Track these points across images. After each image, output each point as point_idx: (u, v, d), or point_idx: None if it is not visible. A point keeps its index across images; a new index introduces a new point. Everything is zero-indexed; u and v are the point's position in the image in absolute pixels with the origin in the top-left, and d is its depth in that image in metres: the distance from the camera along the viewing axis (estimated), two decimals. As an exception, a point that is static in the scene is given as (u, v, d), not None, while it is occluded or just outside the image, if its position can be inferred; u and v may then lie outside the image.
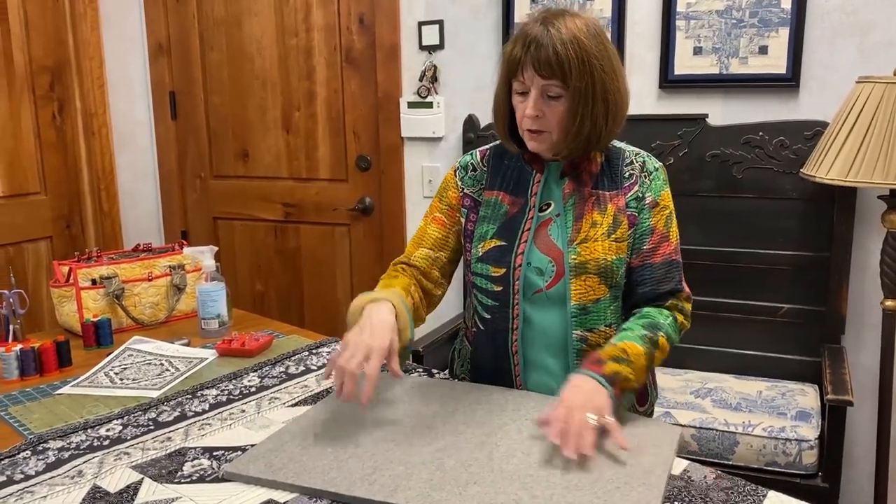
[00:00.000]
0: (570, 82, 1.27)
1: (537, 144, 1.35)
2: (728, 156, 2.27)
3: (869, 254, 2.20)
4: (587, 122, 1.30)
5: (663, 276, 1.38)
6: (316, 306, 3.08)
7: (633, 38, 2.40)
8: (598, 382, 1.21)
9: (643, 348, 1.29)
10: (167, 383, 1.54)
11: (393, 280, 1.43)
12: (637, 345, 1.29)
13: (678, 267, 1.41)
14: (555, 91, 1.29)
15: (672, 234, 1.40)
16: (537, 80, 1.29)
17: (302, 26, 2.88)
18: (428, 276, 1.47)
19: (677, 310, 1.40)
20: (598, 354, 1.27)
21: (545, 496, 1.03)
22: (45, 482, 1.13)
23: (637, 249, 1.38)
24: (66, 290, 1.88)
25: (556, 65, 1.26)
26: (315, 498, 1.07)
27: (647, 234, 1.38)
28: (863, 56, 2.16)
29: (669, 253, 1.39)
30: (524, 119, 1.33)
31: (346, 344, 1.24)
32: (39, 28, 2.94)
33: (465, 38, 2.63)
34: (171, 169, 3.22)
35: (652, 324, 1.34)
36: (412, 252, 1.49)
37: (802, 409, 2.03)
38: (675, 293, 1.39)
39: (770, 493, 1.07)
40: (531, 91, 1.30)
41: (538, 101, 1.30)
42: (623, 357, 1.26)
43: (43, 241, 3.02)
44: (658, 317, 1.36)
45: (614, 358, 1.26)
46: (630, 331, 1.33)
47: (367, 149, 2.88)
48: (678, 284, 1.40)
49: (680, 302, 1.40)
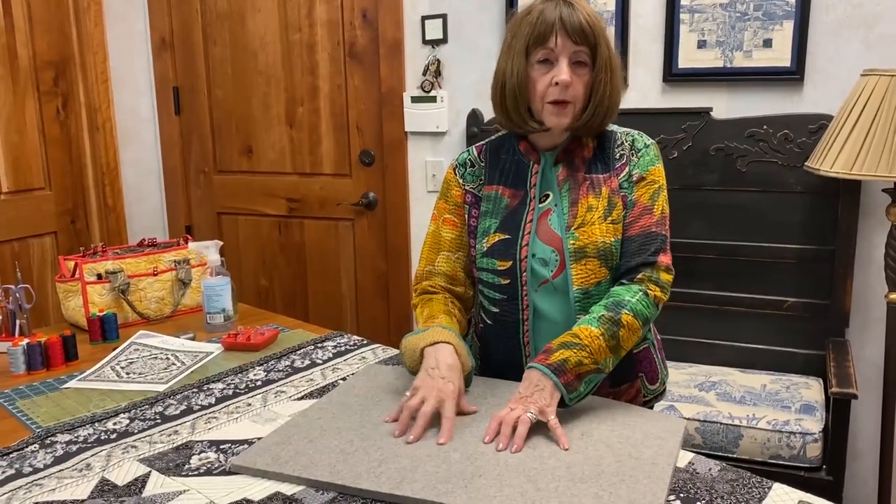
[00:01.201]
0: (598, 50, 1.30)
1: (560, 119, 1.33)
2: (732, 149, 2.27)
3: (873, 247, 2.20)
4: (608, 92, 1.33)
5: (637, 248, 1.35)
6: (320, 301, 3.09)
7: (637, 32, 2.40)
8: (543, 373, 1.23)
9: (599, 329, 1.26)
10: (173, 377, 1.55)
11: (432, 307, 1.43)
12: (591, 327, 1.27)
13: (656, 239, 1.35)
14: (583, 58, 1.31)
15: (657, 207, 1.36)
16: (568, 46, 1.29)
17: (305, 21, 2.88)
18: (455, 280, 1.47)
19: (650, 281, 1.33)
20: (549, 344, 1.28)
21: (550, 489, 1.04)
22: (54, 475, 1.14)
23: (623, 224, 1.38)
24: (71, 285, 1.88)
25: (589, 31, 1.29)
26: (322, 490, 1.08)
27: (630, 208, 1.37)
28: (868, 49, 2.15)
29: (649, 225, 1.35)
30: (551, 89, 1.31)
31: (417, 389, 1.26)
32: (43, 23, 2.94)
33: (469, 33, 2.63)
34: (175, 164, 3.23)
35: (615, 303, 1.30)
36: (433, 259, 1.48)
37: (807, 403, 2.03)
38: (647, 265, 1.34)
39: (775, 486, 1.07)
40: (560, 59, 1.30)
41: (570, 69, 1.30)
42: (574, 342, 1.25)
43: (48, 237, 3.03)
44: (625, 294, 1.32)
45: (564, 345, 1.26)
46: (590, 314, 1.31)
47: (371, 144, 2.88)
48: (651, 256, 1.34)
49: (654, 273, 1.34)
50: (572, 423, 1.23)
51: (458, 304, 1.47)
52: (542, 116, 1.34)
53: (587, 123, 1.35)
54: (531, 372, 1.25)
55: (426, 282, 1.48)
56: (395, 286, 2.90)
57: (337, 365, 1.60)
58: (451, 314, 1.41)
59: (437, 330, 1.35)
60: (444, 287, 1.47)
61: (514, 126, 1.40)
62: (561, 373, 1.22)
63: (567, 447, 1.15)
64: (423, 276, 1.49)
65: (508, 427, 1.18)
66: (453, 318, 1.41)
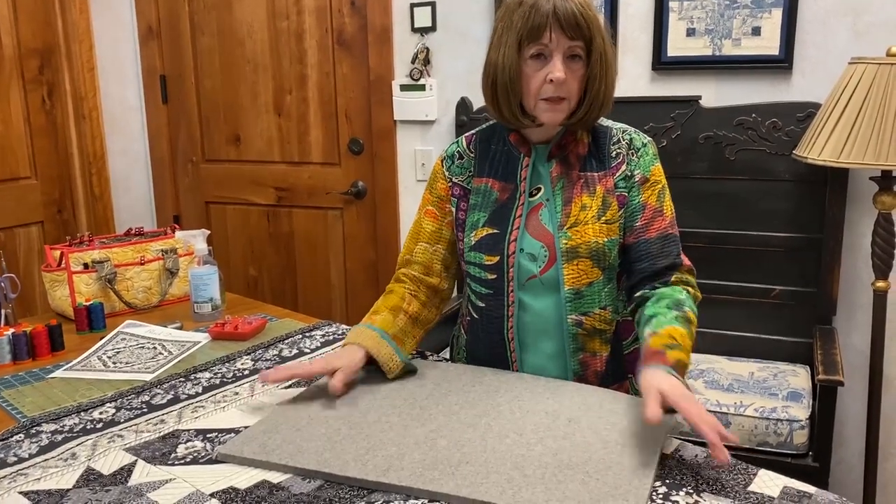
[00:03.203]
0: (593, 43, 1.28)
1: (554, 115, 1.30)
2: (721, 137, 2.27)
3: (861, 235, 2.21)
4: (602, 86, 1.31)
5: (660, 250, 1.35)
6: (309, 290, 3.08)
7: (627, 20, 2.39)
8: (669, 373, 1.15)
9: (684, 329, 1.24)
10: (160, 367, 1.54)
11: (384, 301, 1.46)
12: (678, 327, 1.24)
13: (675, 241, 1.37)
14: (578, 52, 1.28)
15: (666, 208, 1.37)
16: (563, 41, 1.26)
17: (293, 9, 2.86)
18: (430, 271, 1.47)
19: (683, 283, 1.35)
20: (653, 346, 1.20)
21: (537, 475, 1.04)
22: (39, 464, 1.13)
23: (630, 227, 1.36)
24: (58, 275, 1.87)
25: (584, 25, 1.26)
26: (309, 478, 1.07)
27: (639, 211, 1.36)
28: (856, 37, 2.15)
29: (665, 227, 1.36)
30: (545, 86, 1.28)
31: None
32: (28, 11, 2.91)
33: (458, 21, 2.62)
34: (162, 153, 3.20)
35: (675, 302, 1.29)
36: (412, 248, 1.49)
37: (794, 390, 2.04)
38: (675, 267, 1.35)
39: (761, 472, 1.08)
40: (553, 55, 1.27)
41: (565, 65, 1.27)
42: (675, 343, 1.21)
43: (34, 226, 3.01)
44: (675, 294, 1.31)
45: (669, 346, 1.20)
46: (662, 315, 1.26)
47: (360, 132, 2.87)
48: (677, 258, 1.36)
49: (683, 275, 1.36)
50: (560, 409, 1.23)
51: (421, 298, 1.47)
52: (536, 112, 1.31)
53: (582, 118, 1.33)
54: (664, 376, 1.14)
55: (403, 269, 1.50)
56: (385, 275, 2.89)
57: (325, 354, 1.60)
58: (397, 311, 1.43)
59: (359, 331, 1.39)
60: (417, 278, 1.47)
61: (506, 122, 1.37)
62: (679, 372, 1.17)
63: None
64: (403, 262, 1.51)
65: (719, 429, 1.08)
66: (398, 315, 1.42)
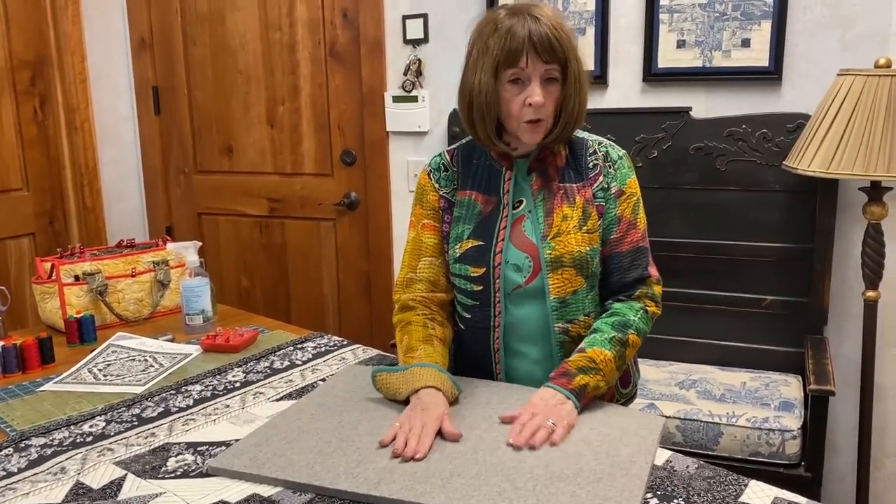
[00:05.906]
0: (568, 66, 1.31)
1: (534, 135, 1.34)
2: (711, 148, 2.28)
3: (851, 245, 2.22)
4: (576, 104, 1.34)
5: (630, 263, 1.40)
6: (302, 301, 3.07)
7: (617, 32, 2.41)
8: (565, 396, 1.25)
9: (612, 353, 1.32)
10: (151, 379, 1.54)
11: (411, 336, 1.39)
12: (605, 350, 1.32)
13: (645, 253, 1.42)
14: (554, 74, 1.31)
15: (639, 220, 1.42)
16: (539, 65, 1.29)
17: (286, 21, 2.87)
18: (437, 286, 1.46)
19: (647, 297, 1.41)
20: (567, 366, 1.30)
21: (528, 487, 1.04)
22: (28, 479, 1.13)
23: (605, 239, 1.40)
24: (48, 287, 1.86)
25: (558, 48, 1.29)
26: (300, 492, 1.07)
27: (615, 224, 1.40)
28: (844, 49, 2.17)
29: (637, 240, 1.41)
30: (525, 110, 1.31)
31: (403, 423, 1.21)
32: (19, 22, 2.91)
33: (450, 32, 2.63)
34: (154, 164, 3.20)
35: (621, 322, 1.36)
36: (415, 265, 1.46)
37: (786, 400, 2.05)
38: (642, 280, 1.41)
39: (751, 483, 1.08)
40: (531, 79, 1.30)
41: (542, 88, 1.31)
42: (591, 367, 1.29)
43: (25, 238, 3.00)
44: (628, 313, 1.38)
45: (582, 369, 1.29)
46: (599, 333, 1.35)
47: (352, 143, 2.87)
48: (645, 271, 1.41)
49: (649, 288, 1.42)
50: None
51: (439, 319, 1.44)
52: (519, 133, 1.35)
53: (559, 135, 1.36)
54: (553, 394, 1.26)
55: (407, 294, 1.46)
56: (377, 286, 2.89)
57: (317, 366, 1.60)
58: (430, 340, 1.38)
59: (417, 372, 1.30)
60: (425, 297, 1.44)
61: (481, 143, 1.40)
62: (581, 397, 1.27)
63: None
64: (405, 284, 1.47)
65: (530, 431, 1.18)
66: (433, 344, 1.37)
